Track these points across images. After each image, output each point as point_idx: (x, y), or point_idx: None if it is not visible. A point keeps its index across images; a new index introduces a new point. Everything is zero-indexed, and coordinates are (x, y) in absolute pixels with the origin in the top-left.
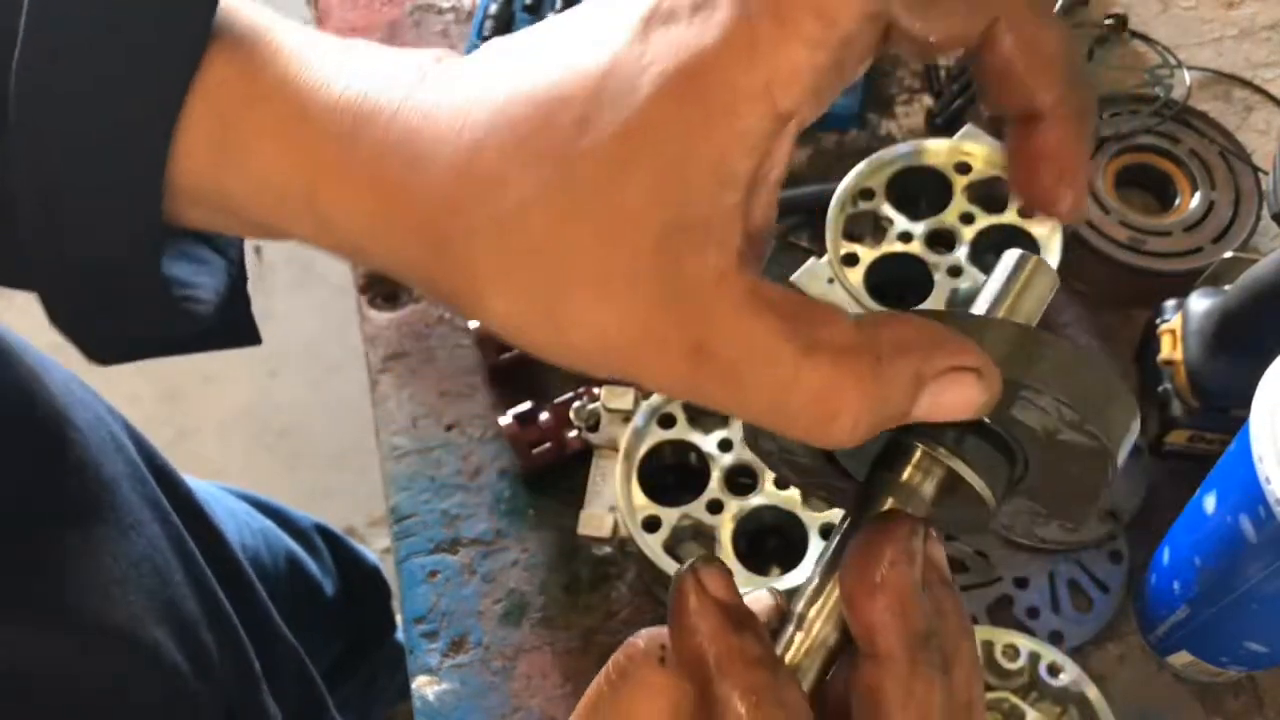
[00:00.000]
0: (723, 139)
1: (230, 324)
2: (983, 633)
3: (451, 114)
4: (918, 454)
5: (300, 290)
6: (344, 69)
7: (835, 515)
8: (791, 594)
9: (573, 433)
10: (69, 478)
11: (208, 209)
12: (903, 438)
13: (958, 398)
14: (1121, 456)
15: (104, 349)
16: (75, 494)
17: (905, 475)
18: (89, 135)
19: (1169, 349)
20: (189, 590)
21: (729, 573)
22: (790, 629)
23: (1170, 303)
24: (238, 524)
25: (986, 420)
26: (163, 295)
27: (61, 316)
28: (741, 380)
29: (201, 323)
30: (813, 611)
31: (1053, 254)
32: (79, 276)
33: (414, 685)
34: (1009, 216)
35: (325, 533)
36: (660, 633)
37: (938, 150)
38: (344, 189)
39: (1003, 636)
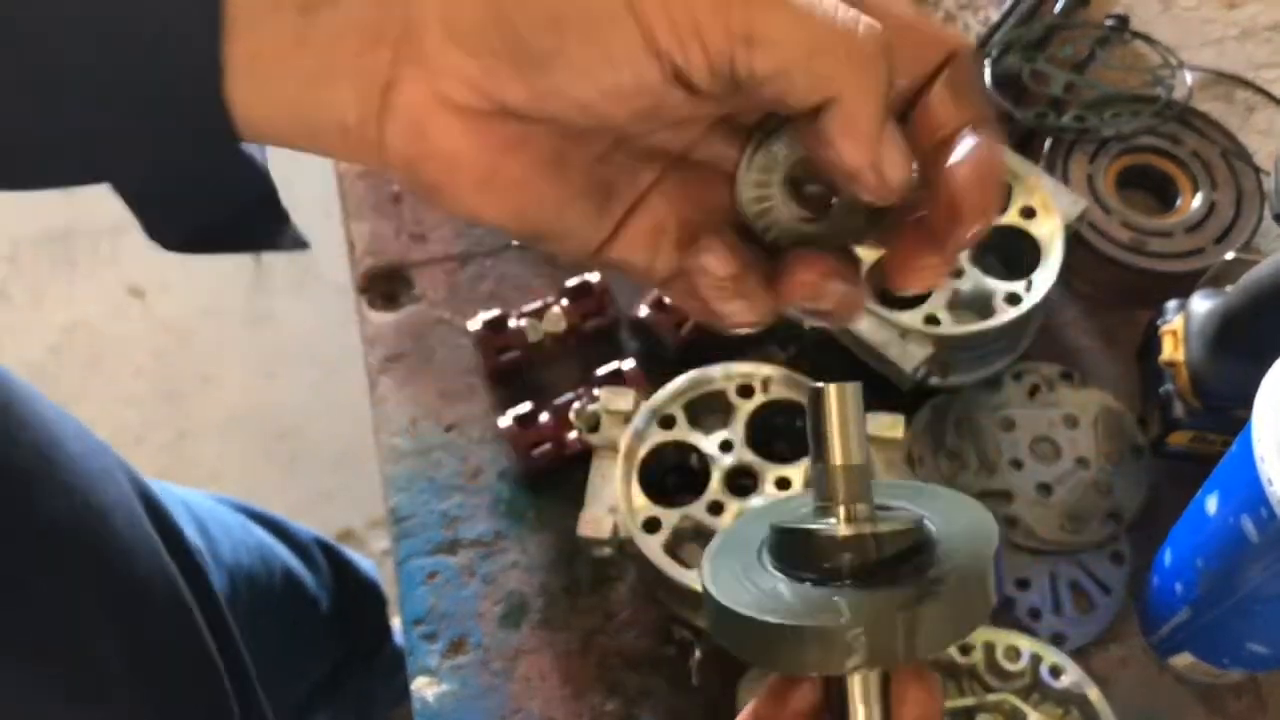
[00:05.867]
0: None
1: (273, 223)
2: (984, 634)
3: None
4: None
5: (300, 290)
6: None
7: None
8: None
9: (572, 434)
10: (54, 500)
11: None
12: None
13: None
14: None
15: (170, 224)
16: (57, 516)
17: None
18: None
19: (1171, 350)
20: (170, 627)
21: None
22: None
23: (1172, 303)
24: (233, 541)
25: None
26: (226, 128)
27: (133, 189)
28: None
29: (262, 184)
30: None
31: (1054, 254)
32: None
33: (413, 687)
34: (1010, 217)
35: (324, 546)
36: None
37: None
38: None
39: (1004, 638)
